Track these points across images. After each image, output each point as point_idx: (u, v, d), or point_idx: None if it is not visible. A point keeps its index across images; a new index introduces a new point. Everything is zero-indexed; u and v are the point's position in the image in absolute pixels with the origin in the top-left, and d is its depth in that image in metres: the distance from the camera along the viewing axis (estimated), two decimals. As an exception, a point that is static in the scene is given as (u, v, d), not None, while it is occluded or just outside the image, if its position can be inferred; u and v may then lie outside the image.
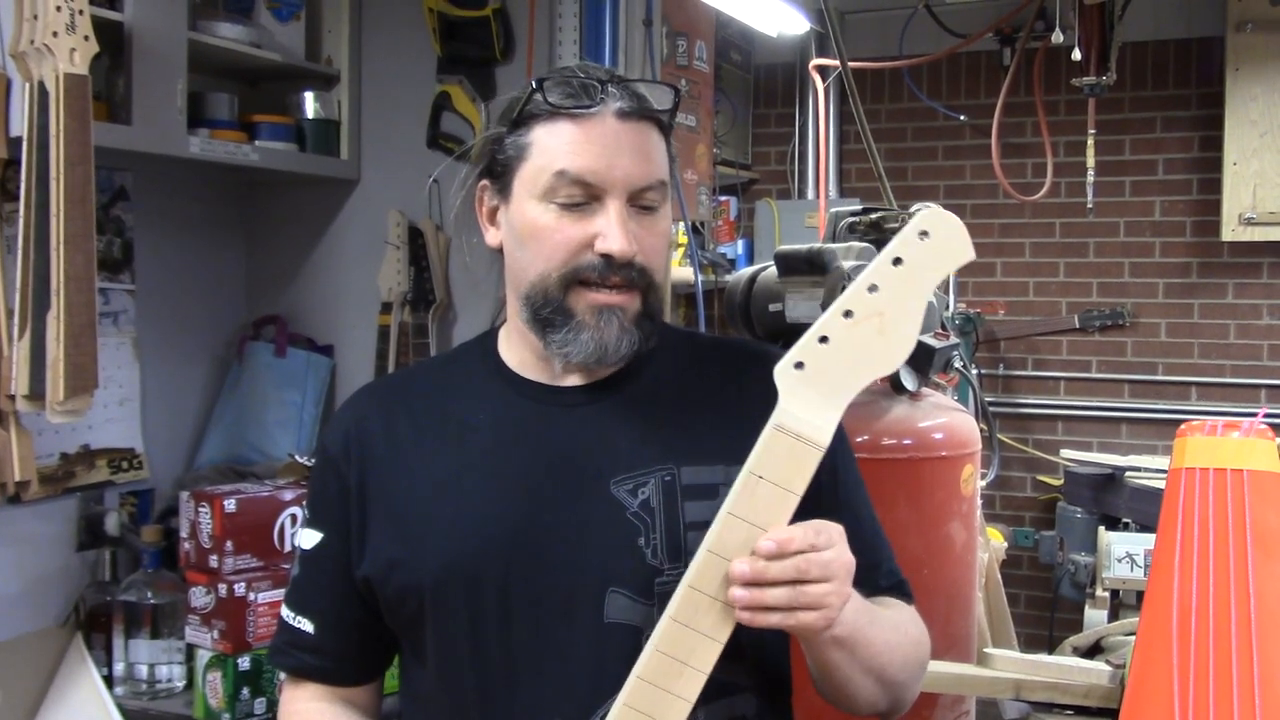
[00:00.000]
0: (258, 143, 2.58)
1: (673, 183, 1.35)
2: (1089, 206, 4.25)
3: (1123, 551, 3.48)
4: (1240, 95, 4.21)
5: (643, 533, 1.26)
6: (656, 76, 2.80)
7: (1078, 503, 4.20)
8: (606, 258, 1.25)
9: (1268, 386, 4.49)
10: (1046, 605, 4.48)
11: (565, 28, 2.62)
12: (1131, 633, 2.37)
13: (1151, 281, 4.64)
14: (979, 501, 2.63)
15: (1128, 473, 4.04)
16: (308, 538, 1.39)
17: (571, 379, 1.33)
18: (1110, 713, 2.10)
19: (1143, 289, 4.65)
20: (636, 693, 1.10)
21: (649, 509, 1.26)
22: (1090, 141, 4.17)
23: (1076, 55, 3.69)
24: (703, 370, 1.38)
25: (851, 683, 1.25)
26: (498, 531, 1.27)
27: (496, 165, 1.32)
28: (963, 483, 2.48)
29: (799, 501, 1.11)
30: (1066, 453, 4.54)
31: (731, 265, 4.43)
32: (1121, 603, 3.48)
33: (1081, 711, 2.16)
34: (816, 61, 4.61)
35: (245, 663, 2.13)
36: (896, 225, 2.64)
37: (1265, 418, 1.69)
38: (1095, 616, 3.44)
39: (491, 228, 1.35)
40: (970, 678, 2.25)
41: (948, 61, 4.69)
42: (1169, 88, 4.57)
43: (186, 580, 2.22)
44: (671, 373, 1.36)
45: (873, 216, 2.68)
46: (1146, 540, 3.41)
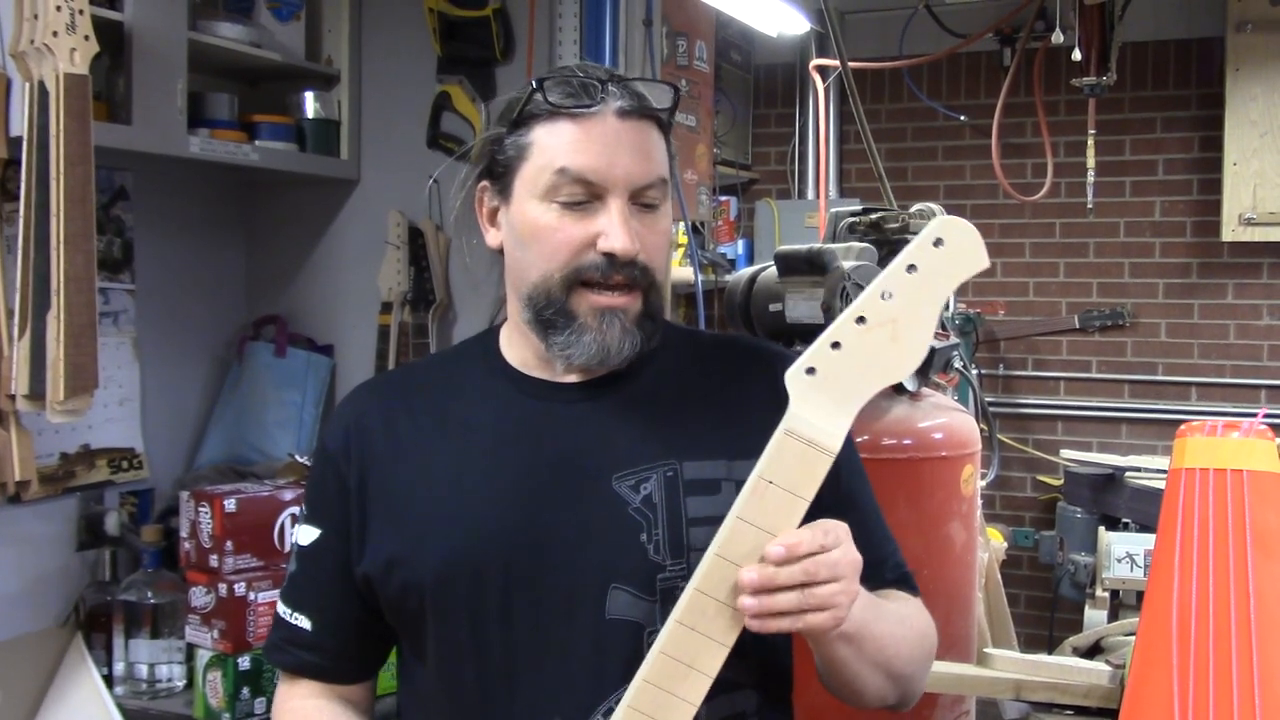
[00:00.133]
0: (258, 143, 2.58)
1: (673, 182, 1.35)
2: (1089, 207, 4.25)
3: (1123, 552, 3.48)
4: (1240, 95, 4.21)
5: (645, 528, 1.25)
6: (656, 76, 2.80)
7: (1078, 503, 4.20)
8: (609, 257, 1.25)
9: (1267, 387, 4.49)
10: (1046, 605, 4.48)
11: (565, 28, 2.62)
12: (1131, 633, 2.37)
13: (1151, 282, 4.64)
14: (979, 501, 2.63)
15: (1128, 473, 4.04)
16: (305, 534, 1.38)
17: (572, 377, 1.33)
18: (1110, 713, 2.09)
19: (1143, 289, 4.65)
20: (641, 695, 1.10)
21: (651, 504, 1.26)
22: (1090, 142, 4.17)
23: (1077, 55, 3.69)
24: (704, 367, 1.38)
25: (859, 677, 1.25)
26: (499, 529, 1.27)
27: (496, 166, 1.32)
28: (963, 483, 2.48)
29: (808, 506, 1.10)
30: (1066, 453, 4.54)
31: (731, 265, 4.43)
32: (1121, 603, 3.49)
33: (1081, 712, 2.16)
34: (816, 61, 4.61)
35: (245, 662, 2.13)
36: (897, 225, 2.64)
37: (1265, 418, 1.70)
38: (1095, 617, 3.45)
39: (492, 228, 1.35)
40: (970, 678, 2.25)
41: (948, 62, 4.69)
42: (1169, 88, 4.56)
43: (186, 580, 2.22)
44: (672, 370, 1.36)
45: (873, 217, 2.68)
46: (1146, 540, 3.41)
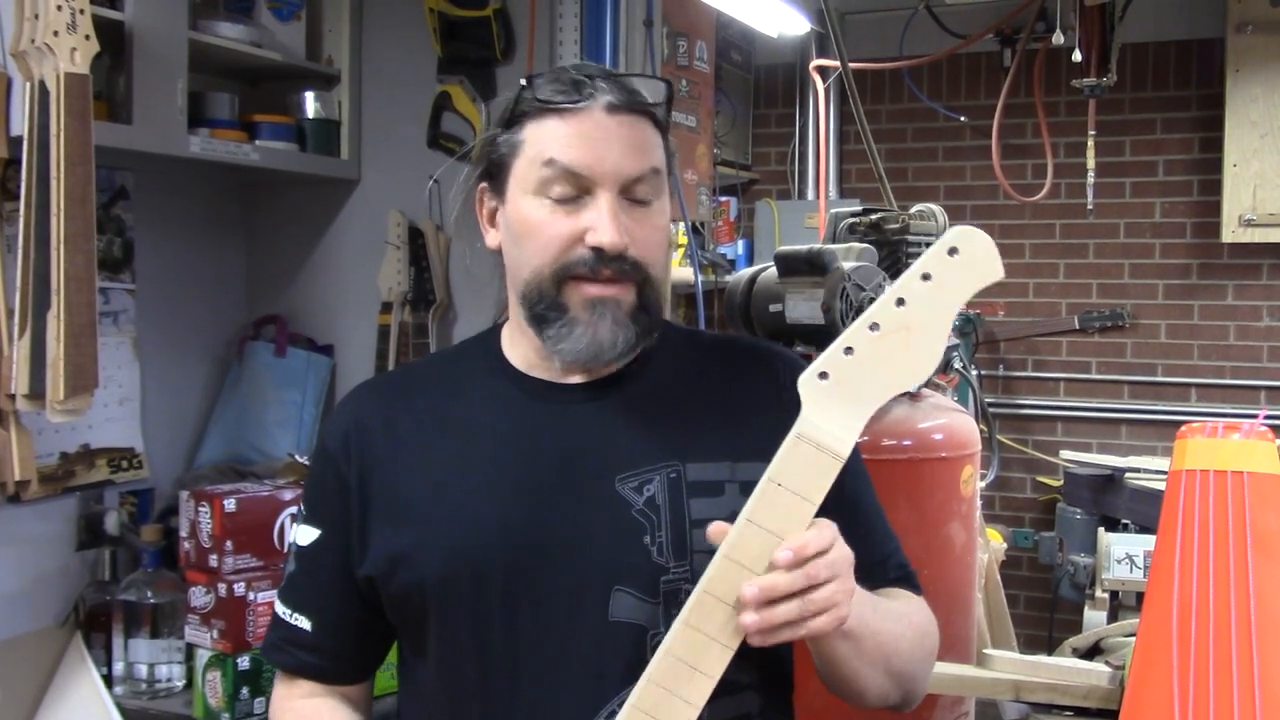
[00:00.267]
0: (258, 142, 2.58)
1: (672, 181, 1.35)
2: (1089, 207, 4.25)
3: (1122, 553, 3.49)
4: (1240, 96, 4.21)
5: (648, 530, 1.25)
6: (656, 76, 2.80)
7: (1077, 504, 4.20)
8: (597, 250, 1.24)
9: (1267, 388, 4.49)
10: (1046, 606, 4.48)
11: (566, 28, 2.62)
12: (1131, 634, 2.37)
13: (1151, 283, 4.64)
14: (978, 502, 2.63)
15: (1127, 474, 4.04)
16: (305, 534, 1.38)
17: (575, 377, 1.32)
18: (1110, 714, 2.10)
19: (1142, 290, 4.65)
20: (646, 695, 1.10)
21: (654, 506, 1.26)
22: (1090, 142, 4.17)
23: (1077, 56, 3.69)
24: (706, 368, 1.38)
25: (859, 675, 1.25)
26: (501, 529, 1.26)
27: (493, 166, 1.32)
28: (962, 483, 2.48)
29: (816, 510, 1.10)
30: (1066, 454, 4.54)
31: (731, 266, 4.43)
32: (1121, 604, 3.49)
33: (1081, 713, 2.16)
34: (817, 62, 4.62)
35: (245, 662, 2.13)
36: (897, 226, 2.64)
37: (1265, 419, 1.70)
38: (1095, 618, 3.45)
39: (492, 230, 1.35)
40: (970, 679, 2.25)
41: (948, 62, 4.69)
42: (1169, 89, 4.56)
43: (186, 580, 2.22)
44: (674, 371, 1.36)
45: (873, 217, 2.69)
46: (1146, 541, 3.41)
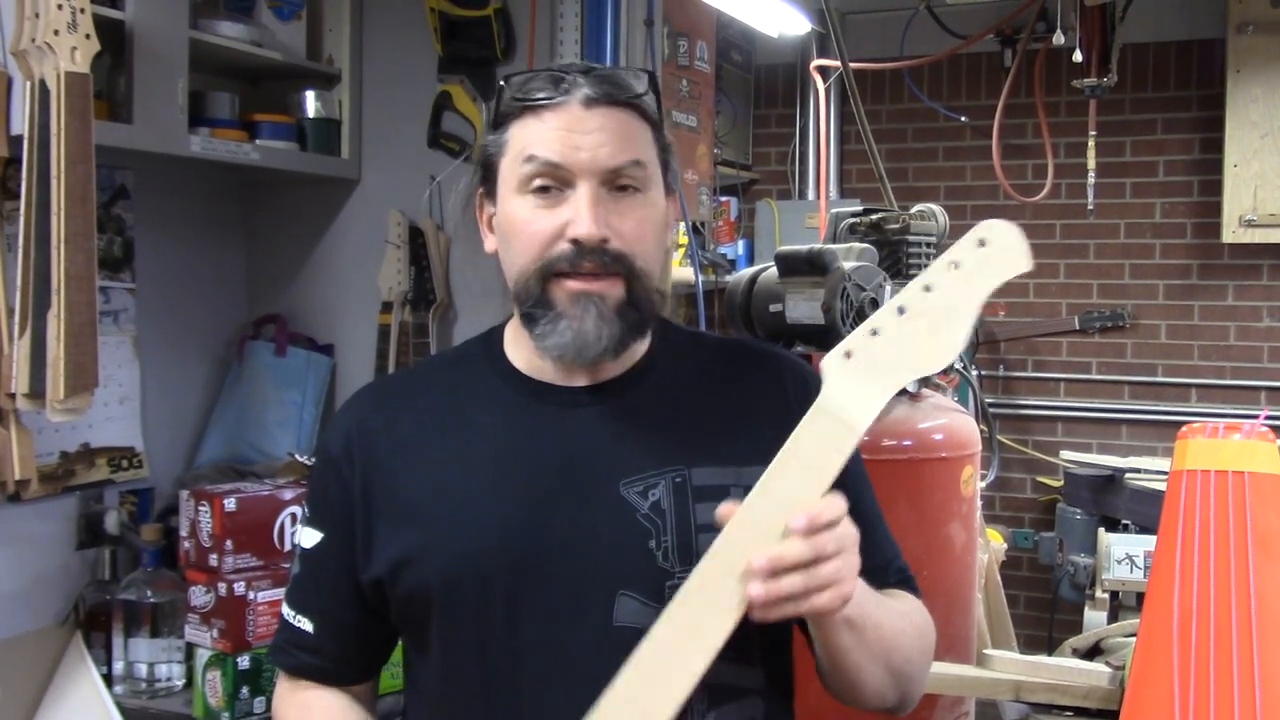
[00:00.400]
0: (258, 142, 2.58)
1: (671, 174, 1.33)
2: (1089, 208, 4.25)
3: (1122, 553, 3.48)
4: (1241, 97, 4.21)
5: (653, 535, 1.24)
6: (656, 76, 2.80)
7: (1077, 504, 4.20)
8: (576, 244, 1.23)
9: (1268, 388, 4.49)
10: (1046, 606, 4.47)
11: (566, 27, 2.62)
12: (1131, 634, 2.37)
13: (1152, 283, 4.63)
14: (979, 502, 2.63)
15: (1127, 474, 4.04)
16: (308, 537, 1.38)
17: (578, 379, 1.32)
18: (1110, 714, 2.10)
19: (1143, 290, 4.65)
20: (646, 659, 1.11)
21: (660, 511, 1.25)
22: (1091, 143, 4.17)
23: (1077, 57, 3.70)
24: (710, 371, 1.38)
25: (861, 670, 1.25)
26: (506, 532, 1.26)
27: (485, 170, 1.32)
28: (962, 484, 2.48)
29: (832, 482, 1.11)
30: (1066, 454, 4.54)
31: (732, 266, 4.42)
32: (1121, 604, 3.49)
33: (1081, 713, 2.16)
34: (817, 62, 4.62)
35: (245, 662, 2.13)
36: (897, 226, 2.64)
37: (1266, 420, 1.70)
38: (1095, 618, 3.45)
39: (490, 234, 1.35)
40: (970, 679, 2.25)
41: (949, 62, 4.69)
42: (1170, 89, 4.56)
43: (186, 579, 2.21)
44: (679, 374, 1.35)
45: (873, 217, 2.69)
46: (1146, 542, 3.41)
